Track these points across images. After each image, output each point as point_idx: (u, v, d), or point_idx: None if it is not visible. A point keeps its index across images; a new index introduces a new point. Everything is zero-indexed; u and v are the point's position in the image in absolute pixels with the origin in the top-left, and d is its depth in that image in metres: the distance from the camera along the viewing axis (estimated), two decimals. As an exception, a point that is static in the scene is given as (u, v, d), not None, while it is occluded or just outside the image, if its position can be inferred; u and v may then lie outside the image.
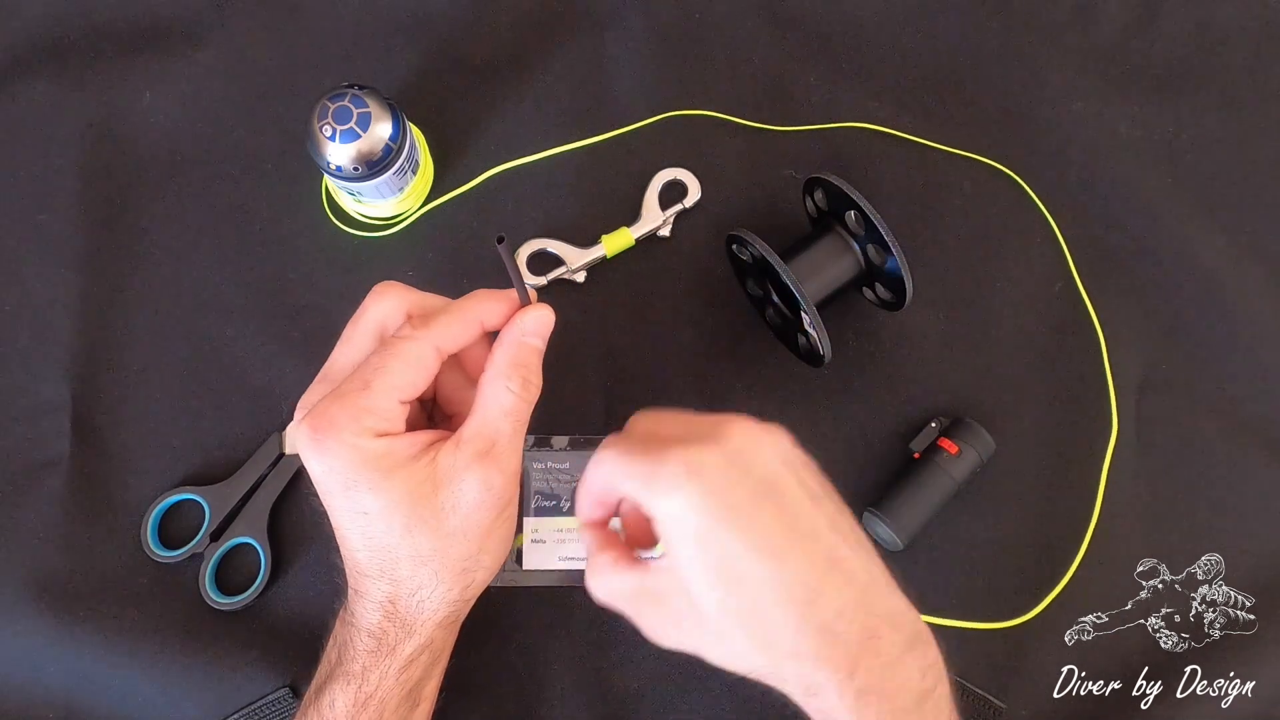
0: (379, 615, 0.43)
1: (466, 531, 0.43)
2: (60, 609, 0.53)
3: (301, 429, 0.41)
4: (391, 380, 0.41)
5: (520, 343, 0.44)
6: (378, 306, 0.44)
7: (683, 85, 0.60)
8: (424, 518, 0.42)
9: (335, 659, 0.44)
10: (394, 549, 0.42)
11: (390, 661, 0.43)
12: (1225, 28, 0.62)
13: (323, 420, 0.40)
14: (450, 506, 0.42)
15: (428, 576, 0.43)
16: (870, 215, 0.50)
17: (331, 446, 0.40)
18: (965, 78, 0.61)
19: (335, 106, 0.50)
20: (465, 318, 0.43)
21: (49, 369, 0.56)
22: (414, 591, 0.43)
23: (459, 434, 0.43)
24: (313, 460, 0.41)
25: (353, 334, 0.44)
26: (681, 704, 0.54)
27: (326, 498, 0.42)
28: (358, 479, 0.41)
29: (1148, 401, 0.58)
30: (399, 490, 0.41)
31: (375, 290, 0.45)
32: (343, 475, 0.41)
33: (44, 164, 0.58)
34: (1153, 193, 0.60)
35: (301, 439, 0.41)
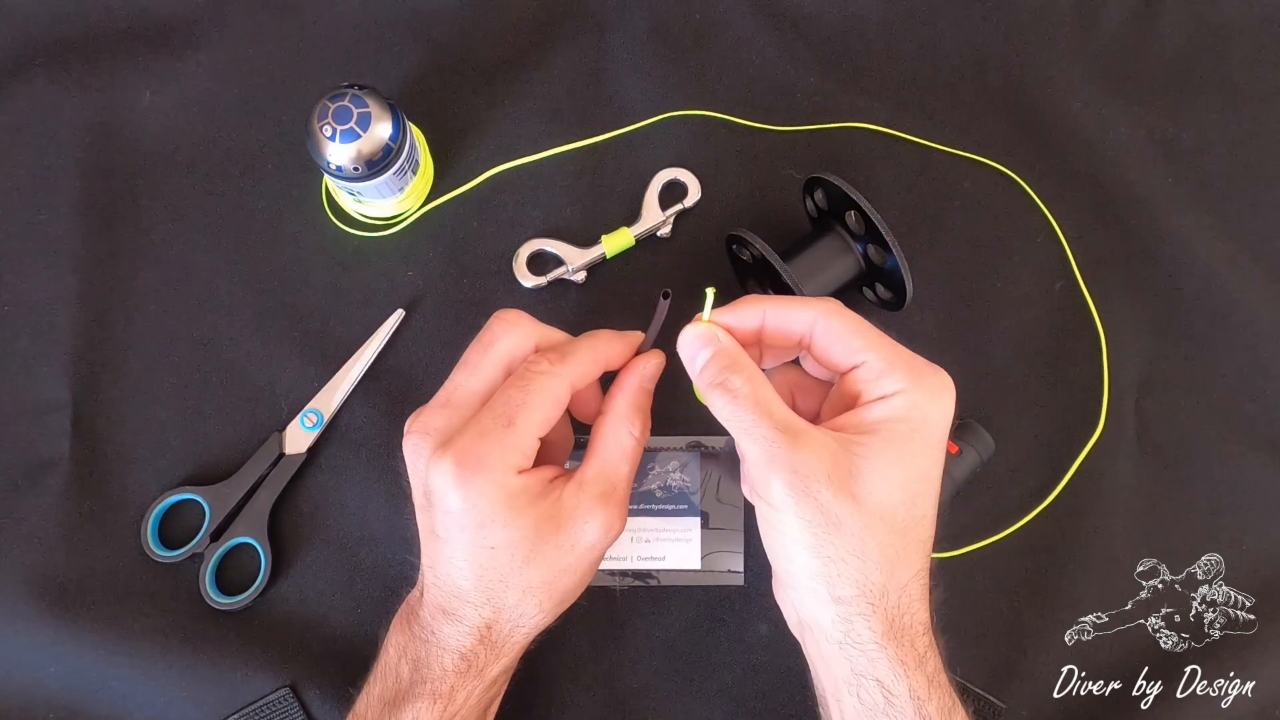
0: (473, 639, 0.43)
1: (579, 567, 0.44)
2: (60, 609, 0.53)
3: (445, 465, 0.41)
4: (535, 417, 0.42)
5: (641, 387, 0.45)
6: (509, 337, 0.44)
7: (683, 85, 0.60)
8: (545, 553, 0.42)
9: (409, 675, 0.44)
10: (506, 580, 0.42)
11: (478, 682, 0.44)
12: (1225, 28, 0.62)
13: (471, 458, 0.40)
14: (569, 544, 0.43)
15: (532, 606, 0.43)
16: (870, 215, 0.50)
17: (479, 484, 0.40)
18: (965, 78, 0.61)
19: (335, 106, 0.50)
20: (596, 357, 0.44)
21: (49, 369, 0.56)
22: (515, 619, 0.43)
23: (581, 474, 0.44)
24: (454, 496, 0.41)
25: (481, 362, 0.44)
26: (682, 704, 0.54)
27: (454, 530, 0.42)
28: (495, 515, 0.41)
29: (1148, 401, 0.58)
30: (528, 526, 0.42)
31: (504, 319, 0.45)
32: (483, 512, 0.41)
33: (44, 164, 0.58)
34: (1153, 193, 0.60)
35: (445, 475, 0.41)
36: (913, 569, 0.41)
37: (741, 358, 0.43)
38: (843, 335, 0.42)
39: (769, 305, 0.43)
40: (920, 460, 0.41)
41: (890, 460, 0.40)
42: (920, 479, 0.41)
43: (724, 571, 0.55)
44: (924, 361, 0.42)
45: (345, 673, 0.52)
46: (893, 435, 0.40)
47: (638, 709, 0.54)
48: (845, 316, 0.42)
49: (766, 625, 0.55)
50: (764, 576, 0.55)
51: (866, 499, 0.40)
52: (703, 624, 0.55)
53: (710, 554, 0.56)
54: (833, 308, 0.42)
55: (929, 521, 0.42)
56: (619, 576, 0.55)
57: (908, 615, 0.41)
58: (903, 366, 0.41)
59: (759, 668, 0.55)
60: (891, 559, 0.40)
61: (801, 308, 0.43)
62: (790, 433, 0.40)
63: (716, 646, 0.55)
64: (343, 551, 0.55)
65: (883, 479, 0.40)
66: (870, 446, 0.40)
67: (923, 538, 0.42)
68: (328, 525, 0.55)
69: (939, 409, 0.41)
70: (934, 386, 0.41)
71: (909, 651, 0.41)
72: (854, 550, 0.40)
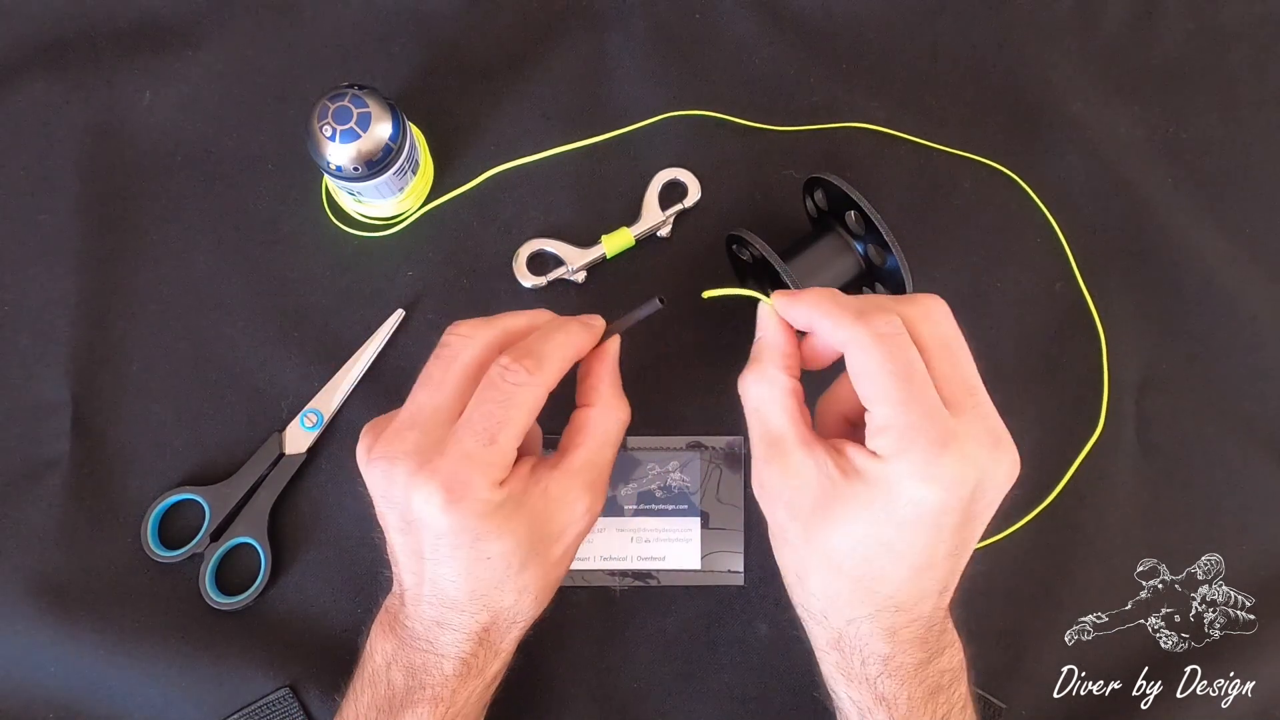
0: (472, 643, 0.43)
1: (567, 555, 0.44)
2: (60, 609, 0.53)
3: (431, 491, 0.39)
4: (516, 430, 0.41)
5: (615, 370, 0.45)
6: (469, 349, 0.43)
7: (683, 85, 0.60)
8: (539, 550, 0.42)
9: (404, 682, 0.43)
10: (503, 584, 0.42)
11: (478, 681, 0.44)
12: (1225, 28, 0.62)
13: (456, 482, 0.39)
14: (558, 535, 0.43)
15: (528, 602, 0.43)
16: (870, 215, 0.50)
17: (466, 506, 0.40)
18: (965, 78, 0.61)
19: (335, 106, 0.50)
20: (567, 355, 0.43)
21: (49, 369, 0.56)
22: (512, 618, 0.44)
23: (568, 463, 0.43)
24: (443, 520, 0.40)
25: (444, 378, 0.42)
26: (682, 704, 0.54)
27: (446, 550, 0.41)
28: (488, 529, 0.40)
29: (1148, 401, 0.58)
30: (521, 531, 0.41)
31: (459, 334, 0.43)
32: (476, 529, 0.40)
33: (44, 164, 0.58)
34: (1153, 193, 0.60)
35: (432, 501, 0.40)
36: (862, 610, 0.41)
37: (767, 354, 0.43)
38: (861, 374, 0.39)
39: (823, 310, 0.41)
40: (880, 530, 0.39)
41: (847, 514, 0.39)
42: (878, 544, 0.39)
43: (724, 571, 0.55)
44: (939, 438, 0.37)
45: (345, 673, 0.51)
46: (858, 494, 0.39)
47: (638, 709, 0.54)
48: (870, 353, 0.39)
49: (766, 625, 0.55)
50: (764, 576, 0.56)
51: (815, 532, 0.41)
52: (703, 624, 0.55)
53: (710, 554, 0.56)
54: (866, 338, 0.39)
55: (895, 581, 0.40)
56: (619, 576, 0.55)
57: (856, 641, 0.42)
58: (898, 433, 0.38)
59: (759, 668, 0.55)
60: (831, 593, 0.42)
61: (839, 327, 0.40)
62: (773, 446, 0.42)
63: (716, 646, 0.55)
64: (343, 551, 0.55)
65: (835, 524, 0.40)
66: (839, 490, 0.39)
67: (880, 590, 0.40)
68: (328, 525, 0.55)
69: (924, 493, 0.38)
70: (929, 472, 0.37)
71: (855, 666, 0.42)
72: (795, 569, 0.43)
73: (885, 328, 0.39)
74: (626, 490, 0.56)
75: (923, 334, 0.40)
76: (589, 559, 0.55)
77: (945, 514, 0.38)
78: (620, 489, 0.56)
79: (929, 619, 0.41)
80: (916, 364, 0.39)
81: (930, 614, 0.41)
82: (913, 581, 0.40)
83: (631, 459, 0.56)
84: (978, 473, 0.38)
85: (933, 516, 0.38)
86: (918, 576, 0.40)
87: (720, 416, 0.57)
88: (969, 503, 0.39)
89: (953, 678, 0.43)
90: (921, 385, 0.38)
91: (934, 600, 0.41)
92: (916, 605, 0.41)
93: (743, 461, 0.56)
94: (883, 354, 0.38)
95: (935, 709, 0.42)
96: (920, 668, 0.42)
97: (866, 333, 0.39)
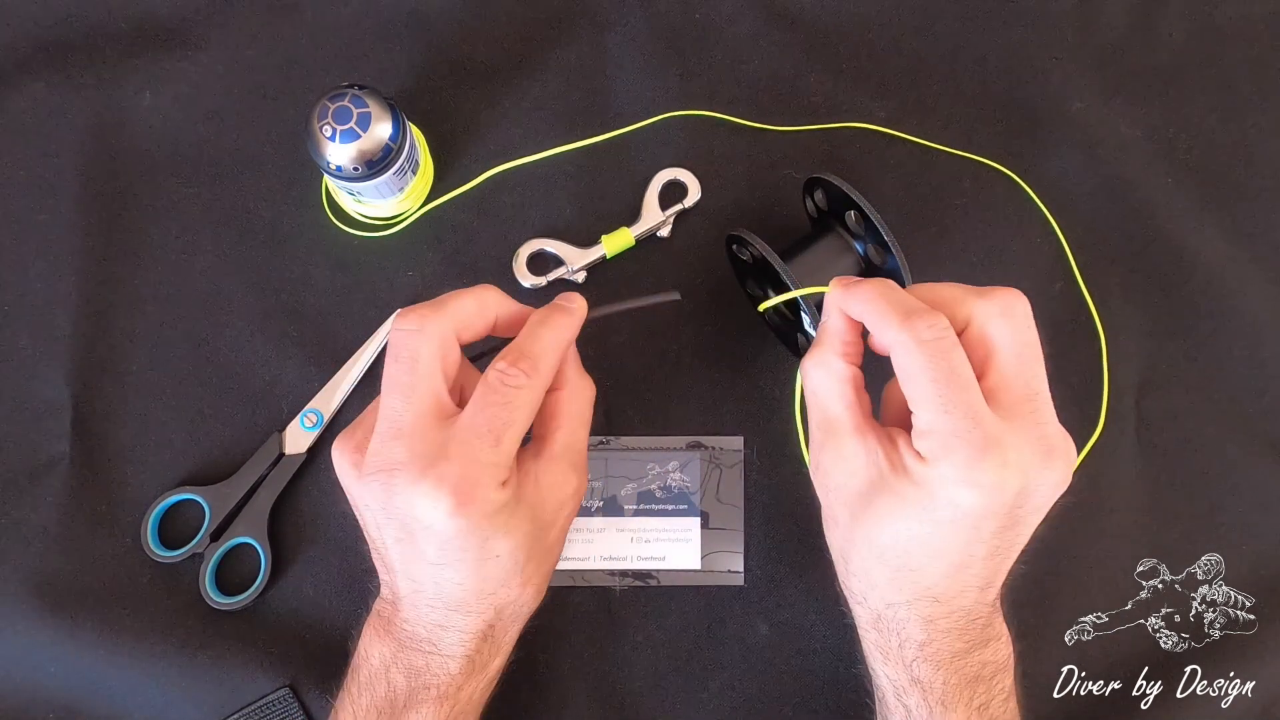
0: (476, 642, 0.43)
1: (560, 540, 0.45)
2: (60, 609, 0.53)
3: (439, 497, 0.39)
4: (518, 431, 0.41)
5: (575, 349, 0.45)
6: (428, 345, 0.41)
7: (683, 85, 0.60)
8: (539, 539, 0.43)
9: (405, 684, 0.43)
10: (509, 580, 0.42)
11: (481, 678, 0.44)
12: (1225, 28, 0.62)
13: (466, 485, 0.39)
14: (552, 522, 0.43)
15: (530, 595, 0.44)
16: (870, 215, 0.50)
17: (478, 507, 0.39)
18: (965, 78, 0.61)
19: (335, 106, 0.50)
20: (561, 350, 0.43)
21: (49, 369, 0.56)
22: (515, 613, 0.44)
23: (551, 450, 0.43)
24: (449, 524, 0.39)
25: (413, 382, 0.40)
26: (682, 704, 0.54)
27: (454, 554, 0.40)
28: (494, 529, 0.40)
29: (1148, 401, 0.58)
30: (526, 525, 0.42)
31: (408, 329, 0.41)
32: (483, 531, 0.40)
33: (44, 164, 0.58)
34: (1153, 193, 0.60)
35: (440, 508, 0.39)
36: (900, 597, 0.42)
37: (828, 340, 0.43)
38: (904, 377, 0.39)
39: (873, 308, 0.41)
40: (919, 528, 0.40)
41: (889, 508, 0.40)
42: (916, 540, 0.40)
43: (724, 571, 0.55)
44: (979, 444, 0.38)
45: (346, 672, 0.52)
46: (901, 491, 0.40)
47: (638, 709, 0.54)
48: (912, 358, 0.39)
49: (766, 625, 0.55)
50: (764, 576, 0.56)
51: (860, 519, 0.42)
52: (703, 624, 0.55)
53: (710, 554, 0.56)
54: (909, 343, 0.39)
55: (933, 575, 0.41)
56: (619, 576, 0.55)
57: (894, 624, 0.42)
58: (939, 439, 0.38)
59: (759, 668, 0.55)
60: (870, 578, 0.42)
61: (886, 329, 0.40)
62: (828, 432, 0.43)
63: (716, 646, 0.55)
64: (343, 551, 0.55)
65: (878, 515, 0.41)
66: (885, 483, 0.40)
67: (918, 581, 0.41)
68: (328, 525, 0.55)
69: (961, 497, 0.38)
70: (967, 477, 0.38)
71: (892, 646, 0.43)
72: (840, 550, 0.44)
73: (928, 332, 0.39)
74: (626, 490, 0.56)
75: (991, 331, 0.40)
76: (589, 559, 0.55)
77: (985, 518, 0.39)
78: (620, 489, 0.56)
79: (969, 612, 0.42)
80: (960, 368, 0.38)
81: (971, 607, 0.42)
82: (950, 577, 0.41)
83: (631, 459, 0.56)
84: (1021, 479, 0.38)
85: (971, 519, 0.39)
86: (956, 573, 0.41)
87: (720, 416, 0.57)
88: (1012, 508, 0.39)
89: (996, 669, 0.43)
90: (964, 390, 0.38)
91: (975, 595, 0.42)
92: (955, 599, 0.41)
93: (743, 461, 0.56)
94: (924, 358, 0.38)
95: (973, 697, 0.42)
96: (958, 657, 0.42)
97: (910, 337, 0.39)
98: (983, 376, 0.40)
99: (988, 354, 0.40)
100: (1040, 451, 0.39)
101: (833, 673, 0.54)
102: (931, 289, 0.42)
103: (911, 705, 0.43)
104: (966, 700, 0.42)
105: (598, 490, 0.56)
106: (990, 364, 0.40)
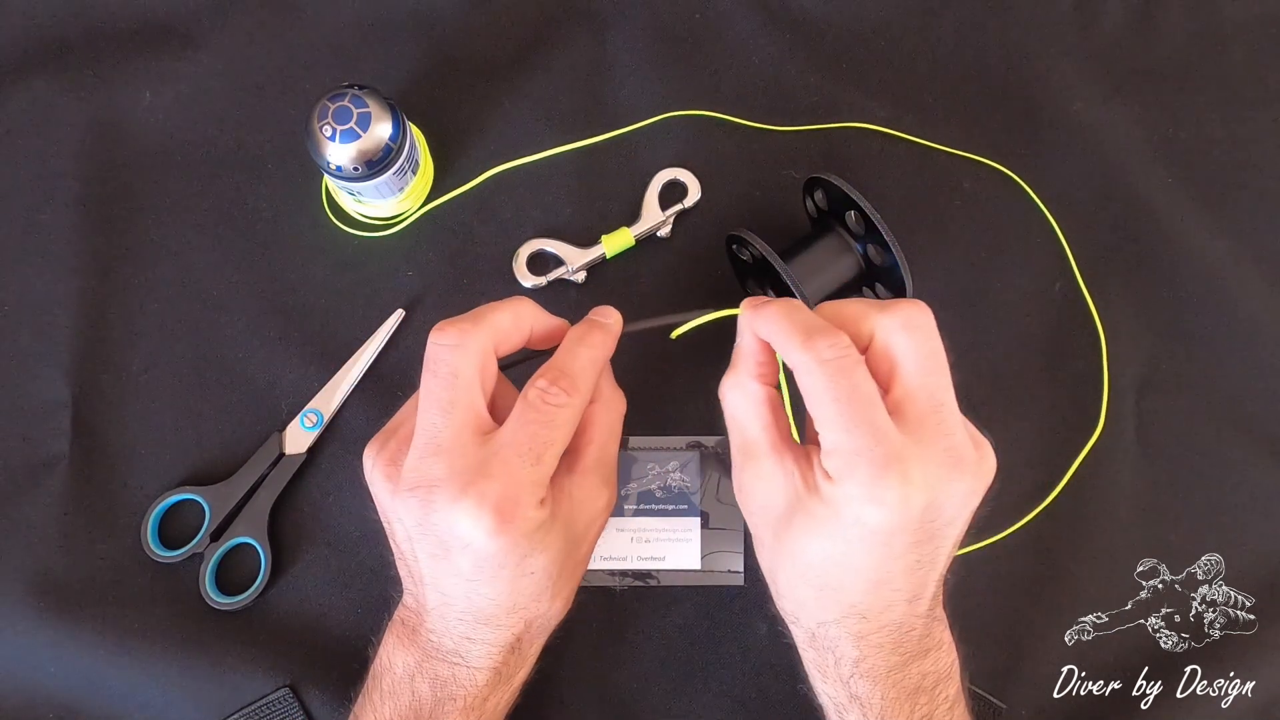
0: (503, 654, 0.43)
1: (589, 552, 0.45)
2: (60, 609, 0.53)
3: (482, 515, 0.38)
4: (558, 450, 0.41)
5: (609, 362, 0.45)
6: (467, 360, 0.40)
7: (683, 85, 0.60)
8: (571, 554, 0.43)
9: (430, 693, 0.42)
10: (541, 594, 0.42)
11: (507, 688, 0.44)
12: (1225, 28, 0.62)
13: (508, 503, 0.39)
14: (584, 535, 0.43)
15: (559, 607, 0.44)
16: (870, 215, 0.50)
17: (515, 526, 0.39)
18: (965, 78, 0.61)
19: (335, 106, 0.50)
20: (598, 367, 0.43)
21: (49, 369, 0.56)
22: (543, 625, 0.44)
23: (584, 464, 0.43)
24: (490, 543, 0.39)
25: (454, 398, 0.40)
26: (682, 704, 0.54)
27: (491, 570, 0.40)
28: (534, 545, 0.40)
29: (1148, 401, 0.58)
30: (560, 540, 0.42)
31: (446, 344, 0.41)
32: (524, 547, 0.40)
33: (44, 164, 0.58)
34: (1153, 193, 0.60)
35: (481, 525, 0.39)
36: (829, 615, 0.41)
37: (742, 362, 0.43)
38: (810, 398, 0.39)
39: (776, 328, 0.41)
40: (833, 546, 0.39)
41: (805, 527, 0.40)
42: (833, 558, 0.40)
43: (724, 571, 0.55)
44: (880, 461, 0.37)
45: (345, 673, 0.52)
46: (813, 510, 0.39)
47: (638, 709, 0.54)
48: (814, 378, 0.38)
49: (766, 625, 0.55)
50: (763, 577, 0.55)
51: (782, 540, 0.42)
52: (703, 624, 0.55)
53: (710, 554, 0.56)
54: (811, 363, 0.39)
55: (855, 592, 0.40)
56: (619, 576, 0.55)
57: (828, 641, 0.42)
58: (842, 458, 0.38)
59: (759, 668, 0.55)
60: (799, 597, 0.42)
61: (789, 350, 0.40)
62: (747, 454, 0.43)
63: (716, 646, 0.55)
64: (343, 551, 0.55)
65: (795, 536, 0.41)
66: (801, 503, 0.40)
67: (842, 599, 0.41)
68: (328, 525, 0.55)
69: (866, 514, 0.38)
70: (870, 494, 0.37)
71: (829, 664, 0.42)
72: (769, 571, 0.44)
73: (829, 352, 0.39)
74: (626, 490, 0.56)
75: (896, 344, 0.40)
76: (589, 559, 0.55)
77: (894, 534, 0.38)
78: (620, 489, 0.56)
79: (900, 625, 0.41)
80: (862, 386, 0.38)
81: (902, 620, 0.41)
82: (872, 594, 0.40)
83: (631, 459, 0.56)
84: (927, 494, 0.38)
85: (880, 536, 0.38)
86: (876, 589, 0.40)
87: (720, 416, 0.57)
88: (921, 522, 0.39)
89: (938, 679, 0.43)
90: (866, 407, 0.38)
91: (903, 609, 0.41)
92: (882, 614, 0.41)
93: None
94: (825, 378, 0.38)
95: (914, 709, 0.42)
96: (895, 670, 0.42)
97: (811, 357, 0.39)
98: (887, 391, 0.40)
99: (891, 368, 0.40)
100: (947, 464, 0.39)
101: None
102: (836, 306, 0.42)
103: None
104: (907, 713, 0.42)
105: (598, 490, 0.56)
106: (895, 378, 0.40)
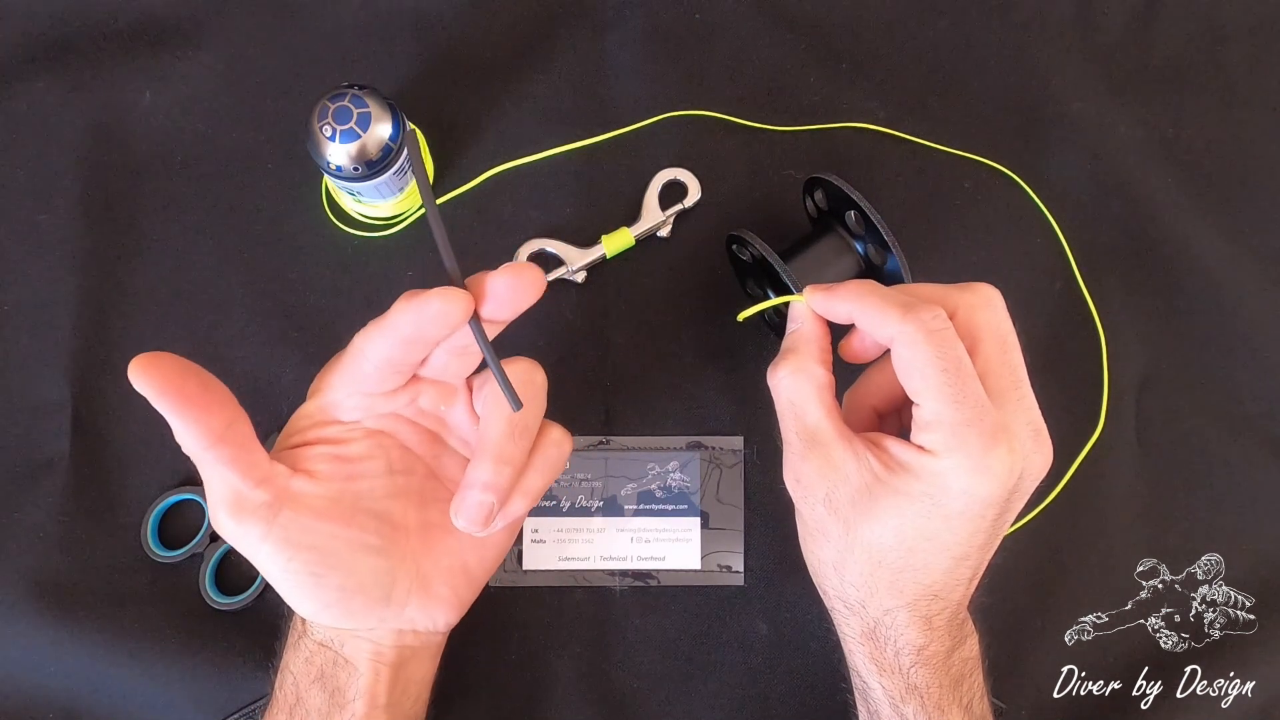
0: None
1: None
2: (60, 609, 0.53)
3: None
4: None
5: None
6: None
7: (683, 85, 0.60)
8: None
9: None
10: None
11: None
12: (1225, 28, 0.62)
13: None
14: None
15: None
16: (870, 215, 0.50)
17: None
18: (965, 78, 0.61)
19: (335, 106, 0.50)
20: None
21: (49, 369, 0.56)
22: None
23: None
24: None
25: None
26: (682, 704, 0.54)
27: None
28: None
29: (1148, 401, 0.58)
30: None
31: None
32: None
33: (44, 164, 0.58)
34: (1153, 193, 0.60)
35: None
36: (899, 600, 0.42)
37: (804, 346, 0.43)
38: (909, 370, 0.39)
39: (868, 304, 0.40)
40: (926, 523, 0.40)
41: (892, 507, 0.40)
42: (922, 536, 0.40)
43: (724, 571, 0.55)
44: (990, 432, 0.38)
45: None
46: (905, 488, 0.39)
47: (638, 709, 0.54)
48: (919, 349, 0.38)
49: (766, 625, 0.55)
50: (764, 577, 0.56)
51: (856, 526, 0.41)
52: (703, 624, 0.55)
53: (710, 554, 0.56)
54: (916, 334, 0.38)
55: (936, 571, 0.41)
56: (619, 576, 0.55)
57: (891, 631, 0.42)
58: (950, 429, 0.38)
59: (759, 668, 0.55)
60: (871, 584, 0.42)
61: (886, 323, 0.39)
62: (811, 441, 0.42)
63: (716, 646, 0.55)
64: (343, 551, 0.55)
65: (878, 517, 0.40)
66: (883, 484, 0.40)
67: (920, 580, 0.41)
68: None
69: (976, 486, 0.38)
70: (981, 465, 0.38)
71: (888, 656, 0.42)
72: (833, 562, 0.43)
73: (934, 323, 0.39)
74: (626, 490, 0.56)
75: (977, 322, 0.40)
76: (589, 559, 0.55)
77: (990, 505, 0.39)
78: (620, 489, 0.56)
79: (959, 607, 0.43)
80: (964, 359, 0.39)
81: (960, 601, 0.42)
82: (951, 571, 0.41)
83: (631, 459, 0.56)
84: (1022, 464, 0.39)
85: (979, 508, 0.39)
86: (956, 566, 0.41)
87: (720, 416, 0.57)
88: (1010, 493, 0.40)
89: (973, 666, 0.44)
90: (970, 380, 0.38)
91: (964, 588, 0.42)
92: (951, 592, 0.42)
93: (743, 462, 0.56)
94: (932, 350, 0.38)
95: (960, 696, 0.43)
96: (948, 656, 0.42)
97: (916, 328, 0.39)
98: None
99: (973, 344, 0.40)
100: (1031, 436, 0.40)
101: (833, 672, 0.54)
102: (912, 288, 0.42)
103: (909, 713, 0.43)
104: (956, 700, 0.42)
105: (598, 490, 0.56)
106: (977, 354, 0.40)
